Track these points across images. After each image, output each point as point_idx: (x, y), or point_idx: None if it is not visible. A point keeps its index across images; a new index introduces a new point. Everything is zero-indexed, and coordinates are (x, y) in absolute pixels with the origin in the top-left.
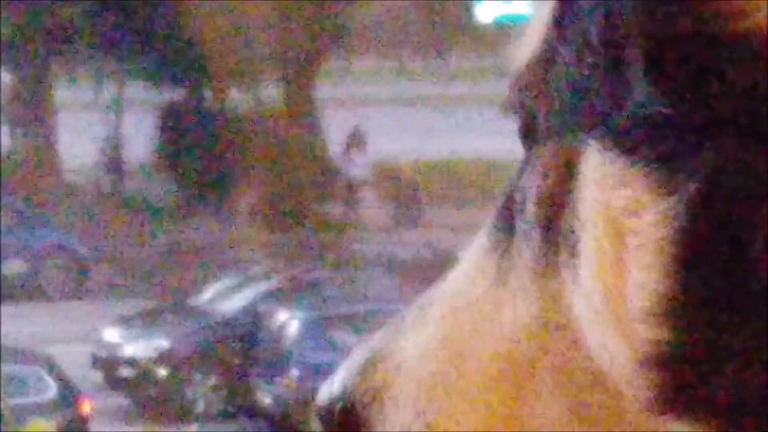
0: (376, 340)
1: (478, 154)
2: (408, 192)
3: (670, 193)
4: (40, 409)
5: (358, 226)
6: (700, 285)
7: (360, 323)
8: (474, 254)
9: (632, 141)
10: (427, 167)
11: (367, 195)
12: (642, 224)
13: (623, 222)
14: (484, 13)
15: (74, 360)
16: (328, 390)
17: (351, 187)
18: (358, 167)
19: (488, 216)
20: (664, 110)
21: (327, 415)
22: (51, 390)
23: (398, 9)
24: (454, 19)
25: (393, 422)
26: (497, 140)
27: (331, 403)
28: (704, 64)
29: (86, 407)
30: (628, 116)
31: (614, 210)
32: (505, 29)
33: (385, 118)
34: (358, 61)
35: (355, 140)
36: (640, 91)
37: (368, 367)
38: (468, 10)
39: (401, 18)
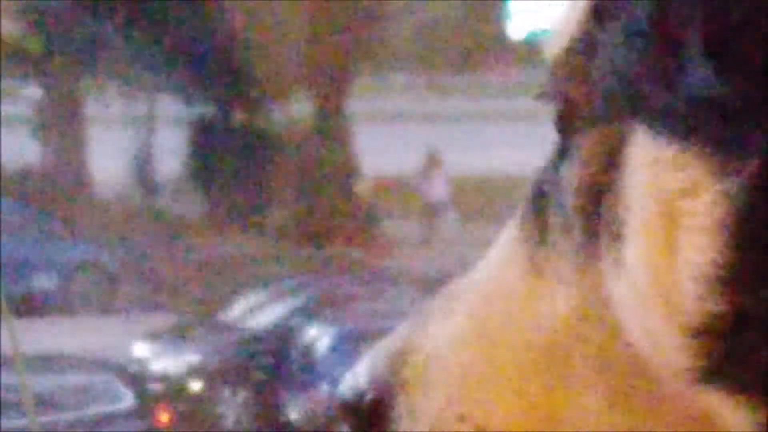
0: (402, 331)
1: (509, 170)
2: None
3: (728, 174)
4: (115, 419)
5: (388, 241)
6: (756, 261)
7: None
8: (504, 245)
9: (689, 124)
10: (459, 183)
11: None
12: (698, 205)
13: (677, 204)
14: (516, 30)
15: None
16: (353, 382)
17: (430, 209)
18: (435, 188)
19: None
20: (723, 92)
21: (354, 408)
22: (127, 399)
23: (430, 25)
24: (486, 35)
25: (423, 412)
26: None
27: (358, 396)
28: (765, 46)
29: (164, 416)
30: (684, 99)
31: (667, 192)
32: (536, 45)
33: (417, 134)
34: (390, 77)
35: (432, 161)
36: (698, 74)
37: (396, 357)
38: (500, 26)
39: (433, 34)
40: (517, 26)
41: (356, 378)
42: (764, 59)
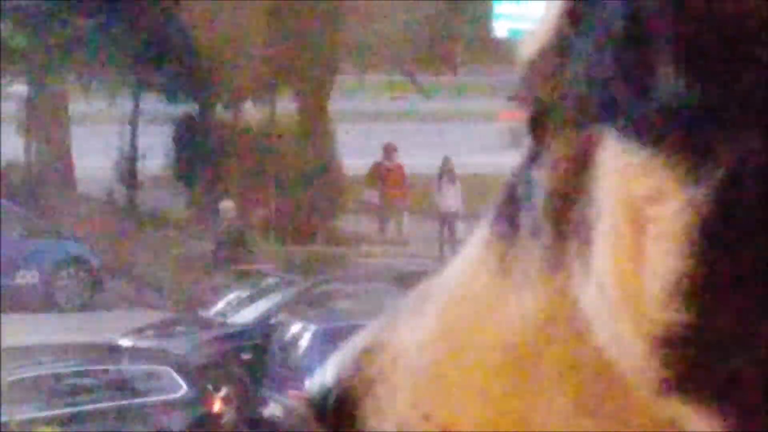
0: (371, 330)
1: (490, 169)
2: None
3: (695, 182)
4: (170, 408)
5: (369, 239)
6: (722, 270)
7: None
8: (474, 247)
9: (658, 131)
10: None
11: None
12: (664, 212)
13: (644, 210)
14: (501, 29)
15: None
16: (321, 379)
17: (445, 218)
18: (450, 198)
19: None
20: (692, 99)
21: (320, 405)
22: (181, 389)
23: (411, 25)
24: (468, 34)
25: (389, 411)
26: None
27: (325, 393)
28: (744, 50)
29: (218, 405)
30: (654, 106)
31: (635, 198)
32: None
33: (398, 133)
34: (371, 76)
35: (446, 171)
36: (668, 81)
37: (364, 356)
38: (484, 25)
39: (414, 33)
40: (502, 26)
41: (324, 376)
42: (732, 68)
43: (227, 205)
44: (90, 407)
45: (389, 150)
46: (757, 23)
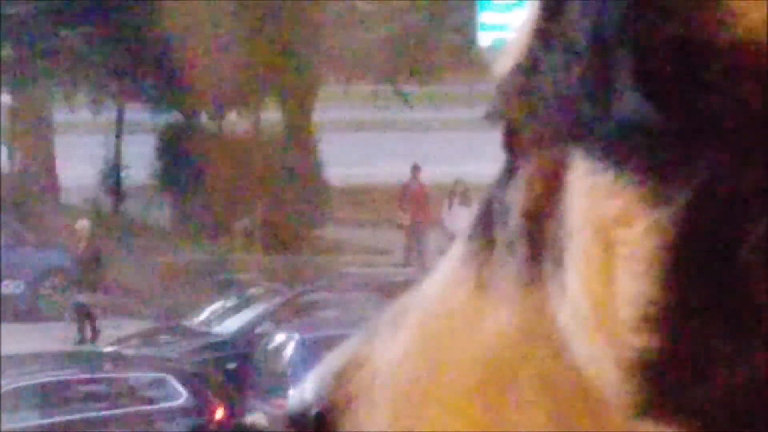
0: (350, 346)
1: (476, 178)
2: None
3: (661, 204)
4: (171, 415)
5: (353, 248)
6: (689, 294)
7: None
8: (451, 263)
9: (622, 151)
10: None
11: (365, 217)
12: (632, 234)
13: (612, 232)
14: (486, 39)
15: None
16: (301, 396)
17: (451, 237)
18: (458, 220)
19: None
20: (654, 120)
21: (300, 421)
22: (181, 396)
23: (395, 34)
24: (453, 44)
25: (368, 428)
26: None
27: (305, 409)
28: (695, 73)
29: (220, 413)
30: (617, 126)
31: (603, 220)
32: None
33: (382, 142)
34: (356, 86)
35: (459, 192)
36: (630, 100)
37: (343, 373)
38: (468, 35)
39: (398, 43)
40: (487, 35)
41: (303, 393)
42: (689, 92)
43: (83, 224)
44: (88, 415)
45: (415, 170)
46: (712, 48)
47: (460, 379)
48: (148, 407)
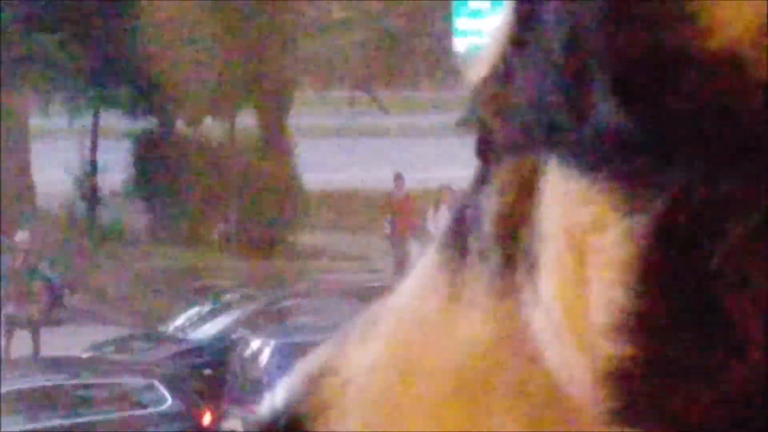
0: (321, 354)
1: (453, 184)
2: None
3: (634, 211)
4: (157, 421)
5: (329, 254)
6: (662, 302)
7: None
8: (424, 270)
9: (596, 158)
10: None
11: (341, 223)
12: (605, 241)
13: (586, 239)
14: (462, 45)
15: None
16: (272, 404)
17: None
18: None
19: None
20: (628, 127)
21: (270, 428)
22: (168, 402)
23: (371, 41)
24: (428, 50)
25: None
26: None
27: (275, 417)
28: (672, 82)
29: (207, 418)
30: (592, 133)
31: (577, 227)
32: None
33: (359, 148)
34: (332, 92)
35: (444, 200)
36: (605, 107)
37: (314, 381)
38: (443, 41)
39: (373, 50)
40: (462, 42)
41: (274, 401)
42: (662, 99)
43: (22, 236)
44: (75, 420)
45: (398, 180)
46: (690, 58)
47: (433, 387)
48: (136, 413)
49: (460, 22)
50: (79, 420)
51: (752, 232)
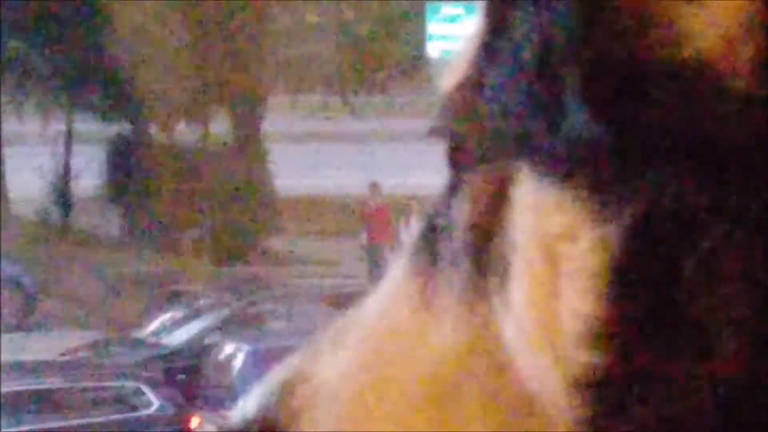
0: (293, 362)
1: (425, 190)
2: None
3: (606, 220)
4: (143, 425)
5: (302, 260)
6: (634, 311)
7: None
8: (395, 279)
9: (568, 167)
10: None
11: (314, 228)
12: (577, 250)
13: (557, 248)
14: (434, 49)
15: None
16: (243, 411)
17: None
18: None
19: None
20: (600, 136)
21: None
22: (153, 406)
23: (344, 46)
24: (401, 55)
25: None
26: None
27: (248, 424)
28: (643, 92)
29: (194, 422)
30: (563, 142)
31: (548, 236)
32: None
33: (333, 154)
34: (305, 97)
35: (413, 210)
36: (576, 117)
37: (286, 388)
38: (416, 46)
39: (346, 54)
40: (435, 46)
41: (246, 407)
42: (638, 106)
43: None
44: (61, 424)
45: (374, 188)
46: (662, 68)
47: (404, 395)
48: (123, 416)
49: (433, 27)
50: (67, 423)
51: (723, 240)
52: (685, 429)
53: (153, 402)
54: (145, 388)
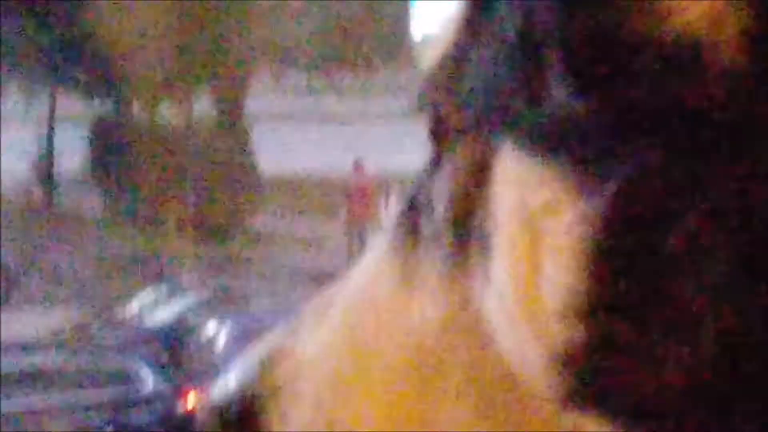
0: (274, 337)
1: (410, 168)
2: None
3: (588, 194)
4: (140, 402)
5: (285, 239)
6: (615, 286)
7: None
8: (377, 254)
9: (550, 141)
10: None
11: (297, 207)
12: (559, 224)
13: (539, 222)
14: (418, 29)
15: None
16: (225, 387)
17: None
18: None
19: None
20: (582, 112)
21: (224, 412)
22: (150, 384)
23: (329, 25)
24: (384, 34)
25: (293, 419)
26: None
27: (228, 400)
28: (626, 67)
29: (191, 400)
30: (545, 116)
31: (530, 210)
32: None
33: (316, 133)
34: (287, 77)
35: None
36: (558, 91)
37: (267, 363)
38: (402, 26)
39: (331, 33)
40: (420, 27)
41: (227, 383)
42: (622, 81)
43: None
44: (56, 401)
45: (357, 166)
46: (645, 43)
47: (385, 370)
48: (119, 394)
49: (417, 6)
50: (62, 401)
51: (706, 216)
52: (667, 408)
53: (149, 379)
54: (142, 366)
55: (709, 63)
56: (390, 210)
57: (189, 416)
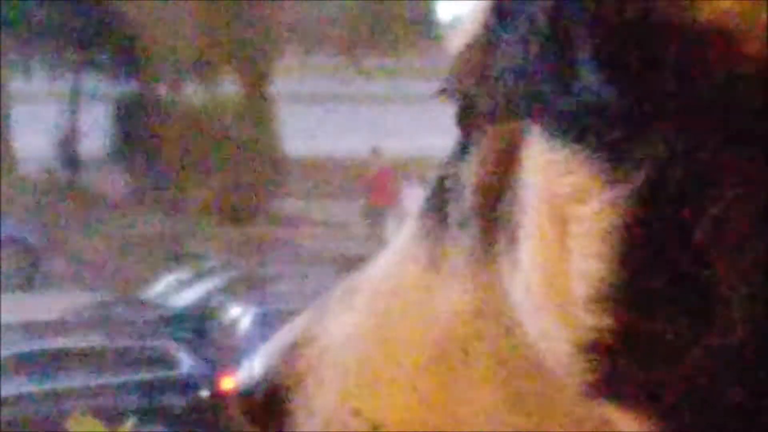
0: (299, 323)
1: (434, 152)
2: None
3: (617, 181)
4: (173, 385)
5: (311, 222)
6: (643, 274)
7: None
8: (403, 240)
9: (579, 128)
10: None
11: (322, 190)
12: (587, 211)
13: (567, 209)
14: (444, 11)
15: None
16: (249, 372)
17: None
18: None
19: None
20: (612, 98)
21: (248, 398)
22: (185, 366)
23: (356, 7)
24: (411, 16)
25: (317, 406)
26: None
27: (253, 386)
28: (653, 52)
29: (226, 383)
30: (574, 102)
31: (558, 197)
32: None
33: (341, 115)
34: (314, 58)
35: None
36: (588, 77)
37: (292, 350)
38: (428, 7)
39: (357, 15)
40: (445, 9)
41: (252, 370)
42: (644, 70)
43: None
44: (88, 383)
45: (374, 153)
46: (676, 31)
47: (411, 356)
48: (154, 375)
49: None
50: (94, 382)
51: (734, 205)
52: (694, 397)
53: (185, 361)
54: (177, 348)
55: (738, 51)
56: (415, 194)
57: (221, 399)
